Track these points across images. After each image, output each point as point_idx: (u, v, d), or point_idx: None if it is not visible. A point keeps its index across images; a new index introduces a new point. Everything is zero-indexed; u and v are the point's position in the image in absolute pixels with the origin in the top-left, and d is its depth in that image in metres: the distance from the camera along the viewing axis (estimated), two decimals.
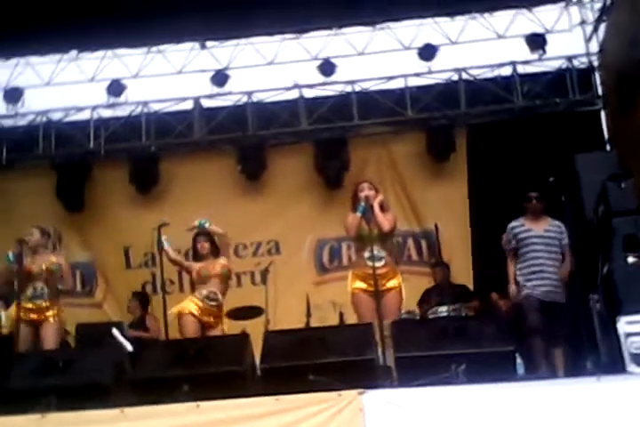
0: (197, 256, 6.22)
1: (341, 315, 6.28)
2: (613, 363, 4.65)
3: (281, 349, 4.52)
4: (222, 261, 6.10)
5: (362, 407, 4.05)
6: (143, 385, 4.49)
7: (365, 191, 5.54)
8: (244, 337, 4.93)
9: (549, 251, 5.71)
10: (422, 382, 4.07)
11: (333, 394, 4.14)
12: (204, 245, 6.15)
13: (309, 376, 4.26)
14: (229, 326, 6.08)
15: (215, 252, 6.16)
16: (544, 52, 8.37)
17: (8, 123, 9.25)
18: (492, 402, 3.97)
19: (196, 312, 5.86)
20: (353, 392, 4.10)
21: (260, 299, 6.38)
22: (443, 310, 6.24)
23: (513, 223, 5.90)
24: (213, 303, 5.91)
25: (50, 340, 5.76)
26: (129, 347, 5.29)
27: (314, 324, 6.14)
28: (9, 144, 9.01)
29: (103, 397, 4.43)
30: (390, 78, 8.66)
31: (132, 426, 4.24)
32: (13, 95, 9.13)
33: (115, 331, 5.78)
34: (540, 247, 5.72)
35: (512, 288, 5.77)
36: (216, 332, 5.86)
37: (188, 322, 5.80)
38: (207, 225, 6.06)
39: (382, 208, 5.53)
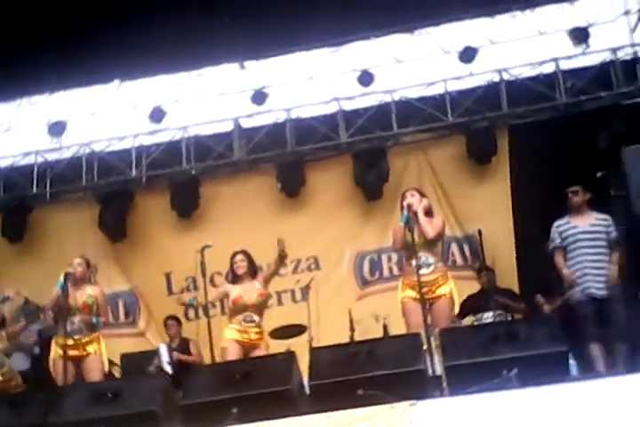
0: (235, 277, 6.18)
1: (385, 327, 6.16)
2: None
3: (328, 365, 4.44)
4: (259, 286, 6.04)
5: (413, 419, 3.94)
6: (193, 411, 4.44)
7: (408, 199, 5.47)
8: (290, 356, 4.85)
9: (596, 246, 5.59)
10: (473, 389, 3.94)
11: (384, 407, 4.05)
12: (241, 266, 6.11)
13: (358, 391, 4.16)
14: (273, 346, 6.01)
15: (252, 272, 6.12)
16: (587, 45, 8.16)
17: (52, 156, 9.41)
18: (547, 404, 3.82)
19: (236, 337, 5.85)
20: (404, 404, 4.00)
21: (302, 316, 6.31)
22: (489, 316, 6.08)
23: (558, 222, 5.79)
24: (252, 324, 5.91)
25: (94, 374, 5.74)
26: (168, 369, 5.25)
27: (357, 338, 6.02)
28: (53, 177, 9.14)
29: (154, 425, 4.39)
30: (430, 84, 8.55)
31: None
32: (57, 128, 9.30)
33: (162, 347, 5.71)
34: (586, 243, 5.61)
35: (565, 272, 5.61)
36: (260, 352, 5.82)
37: (232, 350, 5.78)
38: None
39: (428, 213, 5.42)
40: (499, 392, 3.94)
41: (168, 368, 5.19)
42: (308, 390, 4.47)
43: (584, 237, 5.63)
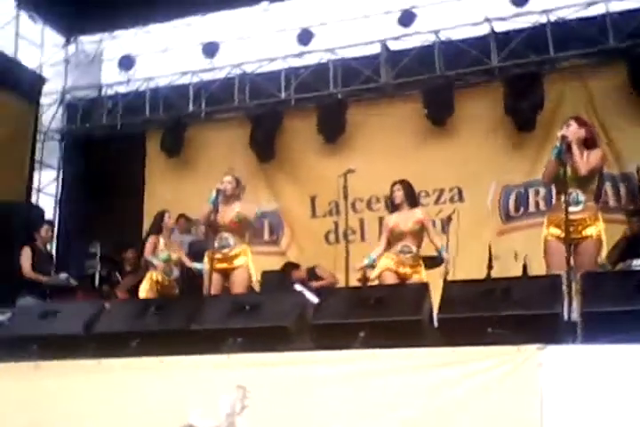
0: (393, 206, 6.23)
1: (525, 266, 6.00)
2: None
3: (460, 300, 4.37)
4: (419, 214, 6.04)
5: (540, 363, 3.85)
6: (322, 330, 4.55)
7: (563, 130, 5.07)
8: (423, 286, 4.85)
9: None
10: (608, 339, 3.79)
11: (512, 348, 3.95)
12: (398, 195, 6.13)
13: (488, 329, 4.11)
14: None
15: (411, 201, 6.12)
16: None
17: (206, 76, 9.66)
18: None
19: (392, 266, 5.93)
20: (532, 347, 3.90)
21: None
22: (638, 264, 5.76)
23: None
24: (408, 255, 5.95)
25: (239, 286, 5.99)
26: (314, 299, 5.40)
27: (494, 275, 5.91)
28: (207, 97, 9.46)
29: (285, 340, 4.55)
30: (590, 4, 8.03)
31: (308, 369, 4.32)
32: (211, 49, 9.53)
33: (297, 286, 5.87)
34: None
35: None
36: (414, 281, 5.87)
37: (386, 276, 5.90)
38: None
39: (587, 144, 5.06)
40: (635, 345, 3.76)
41: (316, 299, 5.35)
42: (436, 323, 4.47)
43: None
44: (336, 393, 4.23)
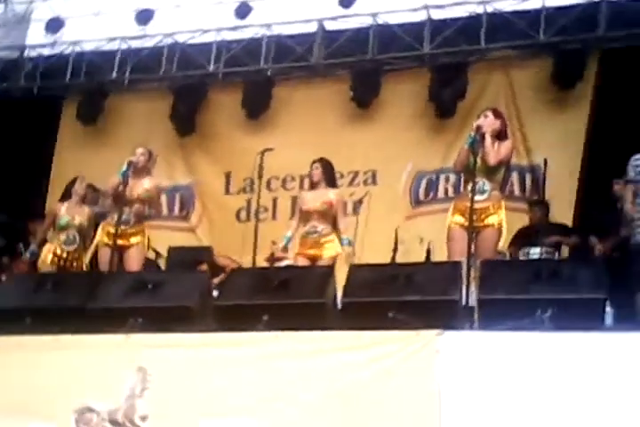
0: (311, 184, 6.20)
1: (428, 251, 6.07)
2: None
3: (364, 284, 4.38)
4: (332, 195, 6.00)
5: (438, 349, 3.90)
6: (226, 311, 4.50)
7: (480, 120, 5.18)
8: (328, 269, 4.85)
9: None
10: (504, 326, 3.85)
11: (411, 333, 4.00)
12: (315, 173, 6.09)
13: (389, 313, 4.13)
14: None
15: (328, 181, 6.08)
16: None
17: (136, 44, 9.40)
18: (575, 351, 3.71)
19: (302, 251, 5.90)
20: (430, 333, 3.95)
21: (349, 230, 6.23)
22: (535, 252, 5.90)
23: (637, 155, 5.36)
24: (314, 236, 5.91)
25: (133, 265, 5.88)
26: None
27: (398, 259, 5.96)
28: (133, 65, 9.18)
29: (187, 320, 4.49)
30: None
31: (210, 351, 4.28)
32: (144, 17, 9.27)
33: None
34: None
35: (627, 207, 5.29)
36: (324, 262, 5.82)
37: (298, 261, 5.88)
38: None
39: (499, 136, 5.16)
40: (529, 332, 3.84)
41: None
42: (340, 306, 4.47)
43: None
44: (238, 376, 4.21)
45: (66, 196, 6.62)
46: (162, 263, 6.71)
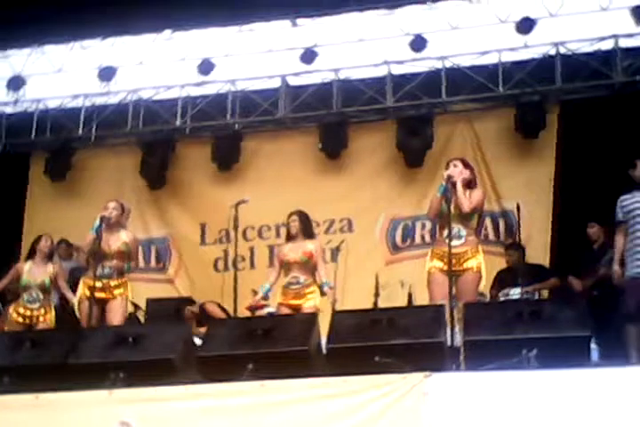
0: (289, 236, 6.23)
1: (410, 295, 6.14)
2: None
3: (348, 329, 4.40)
4: (311, 246, 6.07)
5: (426, 391, 3.91)
6: (209, 362, 4.47)
7: (450, 170, 5.33)
8: (311, 316, 4.87)
9: None
10: (491, 366, 3.90)
11: (398, 376, 4.02)
12: (293, 225, 6.15)
13: (375, 358, 4.14)
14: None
15: (306, 233, 6.14)
16: None
17: (100, 101, 9.48)
18: (563, 388, 3.76)
19: (284, 301, 5.94)
20: (419, 375, 3.96)
21: (329, 277, 6.28)
22: (515, 293, 6.02)
23: (623, 196, 5.48)
24: (296, 287, 5.96)
25: (116, 318, 5.83)
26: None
27: (381, 303, 6.01)
28: (99, 122, 9.25)
29: (170, 373, 4.43)
30: (483, 53, 8.38)
31: (195, 403, 4.22)
32: (107, 73, 9.36)
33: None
34: None
35: (615, 269, 5.39)
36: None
37: (281, 311, 5.93)
38: None
39: (469, 185, 5.32)
40: (516, 371, 3.89)
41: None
42: (325, 353, 4.46)
43: None
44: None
45: (31, 253, 6.57)
46: (141, 316, 6.62)
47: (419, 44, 8.34)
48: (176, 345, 4.61)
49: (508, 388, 3.85)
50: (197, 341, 5.30)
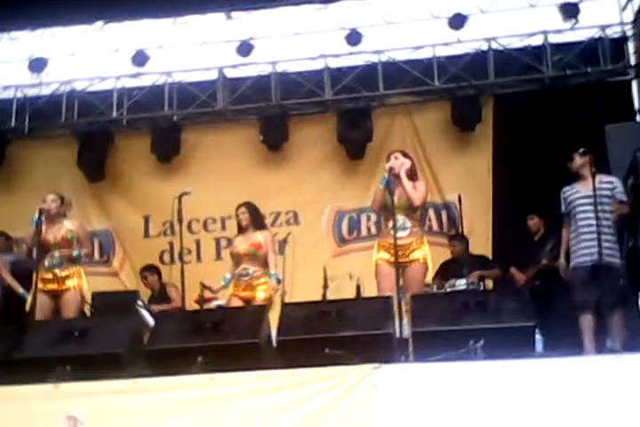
0: (239, 228, 6.25)
1: (358, 287, 6.22)
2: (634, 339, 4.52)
3: (297, 321, 4.44)
4: (260, 237, 6.07)
5: (376, 383, 3.97)
6: (158, 356, 4.44)
7: (391, 162, 5.40)
8: (261, 309, 4.89)
9: (600, 210, 5.31)
10: (438, 357, 3.98)
11: (348, 368, 4.06)
12: (243, 218, 6.16)
13: (325, 350, 4.18)
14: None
15: (257, 224, 6.16)
16: (577, 21, 8.17)
17: (32, 92, 9.26)
18: (510, 379, 3.86)
19: (235, 292, 5.97)
20: (368, 367, 4.02)
21: (278, 269, 6.30)
22: (461, 284, 6.16)
23: (564, 188, 5.65)
24: (246, 278, 5.98)
25: (70, 309, 5.75)
26: (151, 321, 5.27)
27: (330, 295, 6.07)
28: (32, 113, 9.05)
29: (117, 367, 4.39)
30: (418, 48, 8.51)
31: (144, 398, 4.20)
32: (38, 65, 9.14)
33: (139, 303, 5.74)
34: (588, 208, 5.39)
35: (561, 262, 5.58)
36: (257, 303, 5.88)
37: (233, 302, 5.92)
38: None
39: (411, 177, 5.39)
40: (464, 362, 3.97)
41: (152, 322, 5.21)
42: (275, 345, 4.49)
43: (585, 202, 5.44)
44: (172, 421, 4.14)
45: None
46: (86, 309, 6.51)
47: (354, 38, 8.41)
48: (123, 339, 4.57)
49: (457, 379, 3.92)
50: (149, 319, 5.27)
